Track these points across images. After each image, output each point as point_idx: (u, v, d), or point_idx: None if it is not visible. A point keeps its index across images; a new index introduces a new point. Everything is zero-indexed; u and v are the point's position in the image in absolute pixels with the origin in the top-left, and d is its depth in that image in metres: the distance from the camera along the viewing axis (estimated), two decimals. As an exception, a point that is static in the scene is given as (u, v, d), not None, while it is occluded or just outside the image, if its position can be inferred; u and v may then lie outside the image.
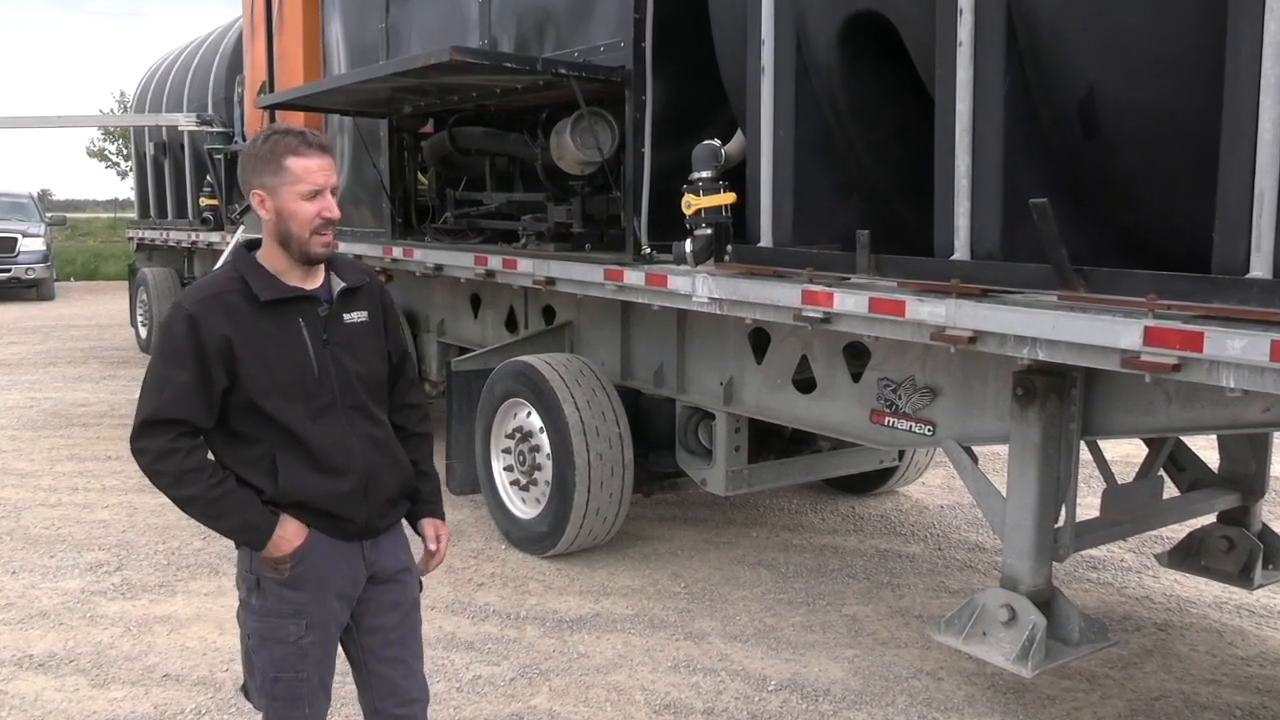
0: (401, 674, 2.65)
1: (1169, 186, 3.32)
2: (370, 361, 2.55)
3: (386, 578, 2.61)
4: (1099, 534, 4.09)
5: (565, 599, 4.97)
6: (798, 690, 4.08)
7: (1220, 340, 2.79)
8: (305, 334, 2.43)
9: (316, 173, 2.38)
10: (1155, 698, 4.06)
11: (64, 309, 18.60)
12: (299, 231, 2.39)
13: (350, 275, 2.55)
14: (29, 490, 6.85)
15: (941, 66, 3.50)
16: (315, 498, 2.43)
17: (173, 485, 2.35)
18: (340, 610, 2.54)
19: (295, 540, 2.43)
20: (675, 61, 4.93)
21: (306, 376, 2.42)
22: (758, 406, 4.88)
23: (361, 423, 2.50)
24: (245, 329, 2.37)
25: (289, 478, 2.41)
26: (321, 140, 2.43)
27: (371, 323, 2.57)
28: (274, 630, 2.46)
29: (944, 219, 3.56)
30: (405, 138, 7.22)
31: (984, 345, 3.42)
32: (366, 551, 2.55)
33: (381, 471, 2.53)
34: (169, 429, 2.33)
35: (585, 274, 5.20)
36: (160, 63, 14.32)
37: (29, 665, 4.25)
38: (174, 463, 2.33)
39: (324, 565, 2.47)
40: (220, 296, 2.38)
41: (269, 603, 2.47)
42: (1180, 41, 3.04)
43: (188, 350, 2.33)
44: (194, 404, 2.34)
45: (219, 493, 2.35)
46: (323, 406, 2.44)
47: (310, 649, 2.48)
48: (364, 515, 2.51)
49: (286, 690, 2.48)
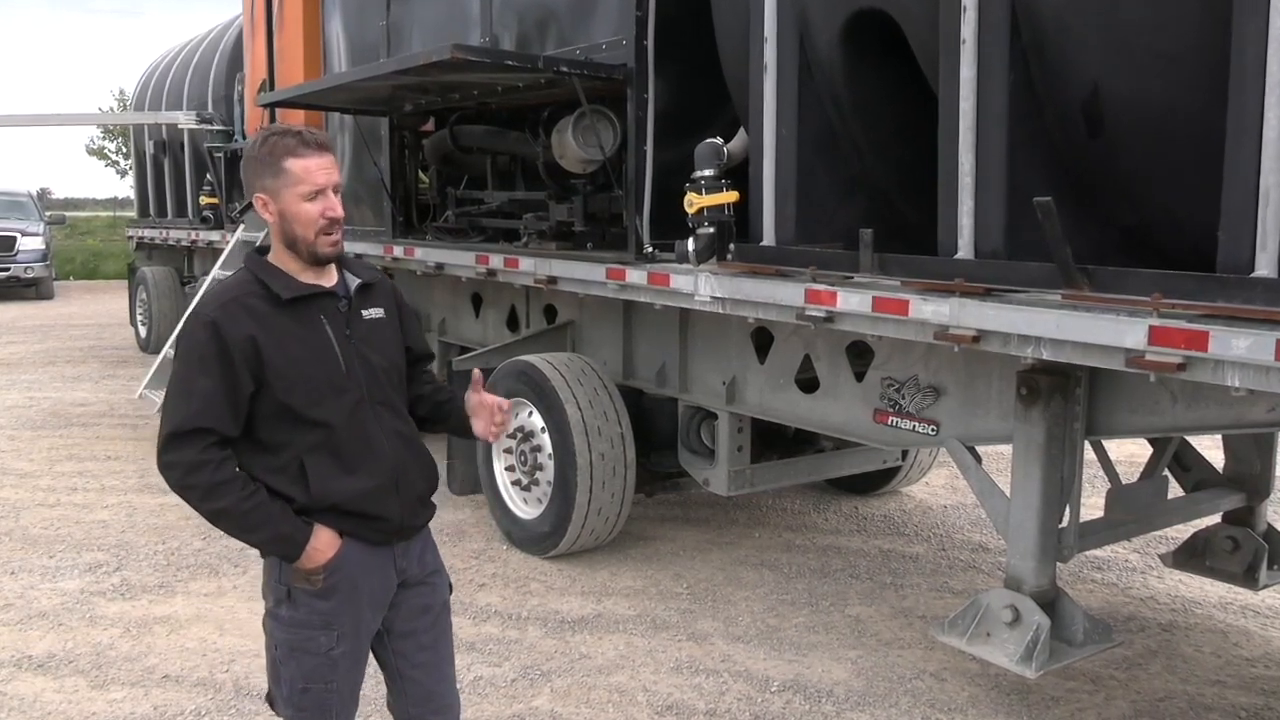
0: (435, 679, 2.63)
1: (1174, 185, 3.30)
2: (391, 356, 2.54)
3: (416, 581, 2.58)
4: (1103, 534, 4.08)
5: (567, 600, 4.95)
6: (800, 691, 4.07)
7: (1225, 339, 2.77)
8: (329, 330, 2.41)
9: (317, 172, 2.35)
10: (1160, 699, 4.04)
11: (63, 308, 18.59)
12: (304, 233, 2.36)
13: (363, 272, 2.54)
14: (28, 490, 6.83)
15: (945, 64, 3.49)
16: (347, 498, 2.40)
17: (204, 499, 2.30)
18: (372, 619, 2.51)
19: (329, 551, 2.39)
20: (677, 59, 4.91)
21: (334, 372, 2.39)
22: (760, 406, 4.87)
23: (389, 418, 2.48)
24: (270, 329, 2.33)
25: (320, 480, 2.37)
26: (320, 139, 2.39)
27: (389, 319, 2.56)
28: (304, 642, 2.42)
29: (947, 217, 3.55)
30: (406, 136, 7.20)
31: (988, 344, 3.40)
32: (398, 558, 2.52)
33: (410, 467, 2.51)
34: (198, 440, 2.27)
35: (587, 273, 5.19)
36: (160, 60, 14.29)
37: (28, 666, 4.24)
38: (205, 475, 2.27)
39: (356, 574, 2.43)
40: (240, 300, 2.35)
41: (299, 614, 2.42)
42: (1185, 38, 3.03)
43: (212, 356, 2.28)
44: (221, 411, 2.29)
45: (251, 505, 2.31)
46: (352, 403, 2.41)
47: (340, 660, 2.44)
48: (396, 512, 2.47)
49: (315, 701, 2.45)
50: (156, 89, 13.59)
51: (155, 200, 13.61)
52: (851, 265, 3.91)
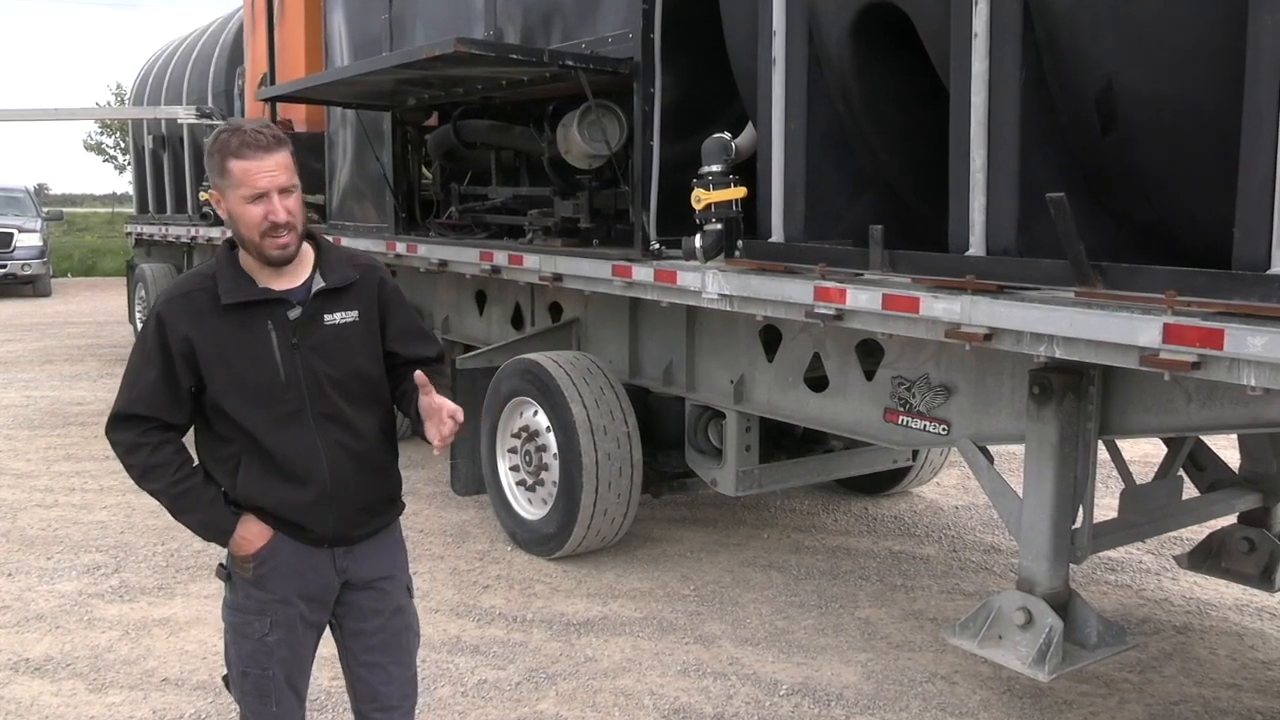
0: (380, 679, 2.63)
1: (1188, 181, 3.28)
2: (353, 364, 2.45)
3: (364, 584, 2.58)
4: (1117, 535, 4.06)
5: (572, 601, 4.91)
6: (809, 695, 4.02)
7: (1241, 337, 2.75)
8: (274, 338, 2.37)
9: (258, 175, 2.26)
10: (1174, 702, 4.00)
11: (61, 306, 18.56)
12: (248, 235, 2.32)
13: (336, 273, 2.44)
14: (25, 491, 6.79)
15: (956, 58, 3.46)
16: (274, 505, 2.43)
17: (141, 478, 2.42)
18: (310, 612, 2.53)
19: (257, 542, 2.44)
20: (685, 53, 4.88)
21: (272, 382, 2.37)
22: (769, 405, 4.83)
23: (332, 431, 2.43)
24: (207, 331, 2.35)
25: (248, 482, 2.42)
26: (267, 139, 2.27)
27: (363, 322, 2.47)
28: (242, 625, 2.50)
29: (959, 214, 3.52)
30: (409, 131, 7.15)
31: (1000, 343, 3.38)
32: (339, 559, 2.52)
33: (351, 482, 2.46)
34: (137, 424, 2.38)
35: (593, 270, 5.15)
36: (159, 54, 14.23)
37: (25, 669, 4.20)
38: (141, 456, 2.39)
39: (287, 568, 2.48)
40: (189, 296, 2.37)
41: (238, 598, 2.51)
42: (1200, 32, 3.00)
43: (155, 349, 2.36)
44: (160, 401, 2.37)
45: (181, 489, 2.41)
46: (289, 413, 2.38)
47: (275, 647, 2.49)
48: (328, 526, 2.47)
49: (254, 685, 2.52)
50: (155, 83, 13.53)
51: (154, 196, 13.56)
52: (861, 262, 3.88)
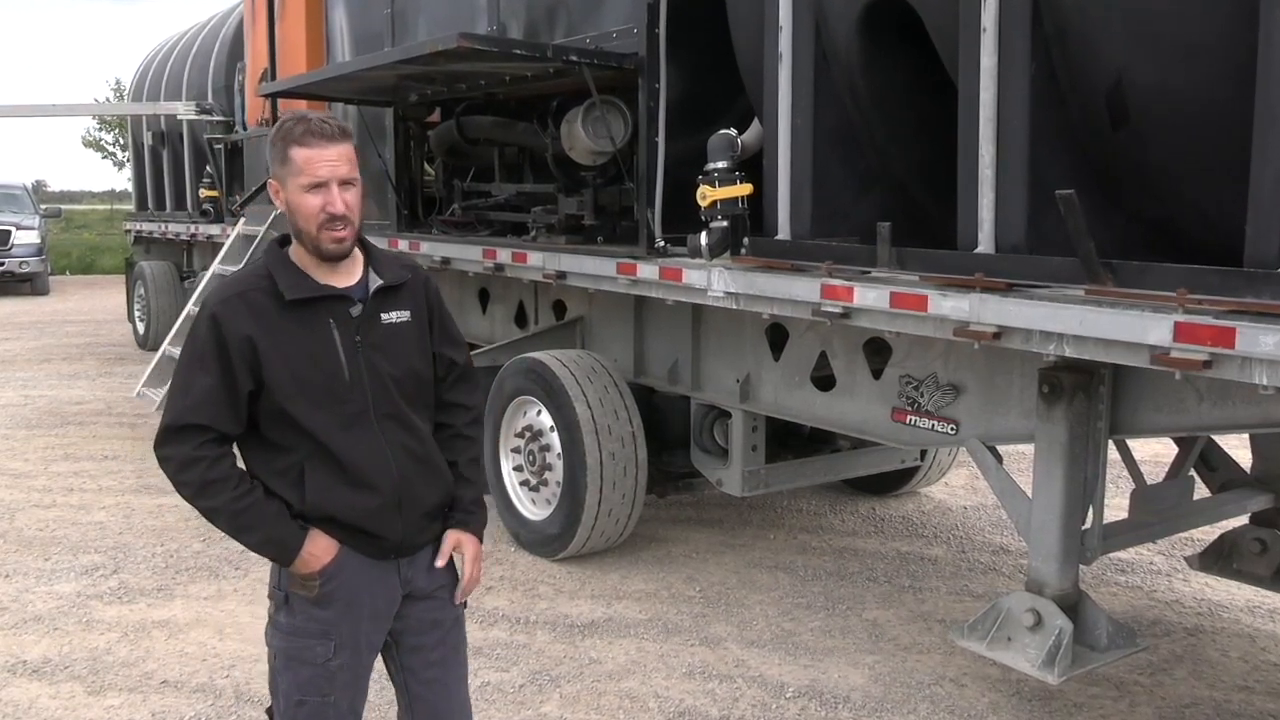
0: (443, 697, 2.53)
1: (1200, 177, 3.26)
2: (410, 363, 2.41)
3: (425, 594, 2.47)
4: (1127, 536, 4.04)
5: (576, 603, 4.88)
6: (816, 697, 3.99)
7: (1253, 336, 2.72)
8: (336, 336, 2.30)
9: (319, 164, 2.22)
10: (1186, 705, 3.97)
11: (59, 304, 18.53)
12: (305, 226, 2.26)
13: (389, 272, 2.40)
14: (23, 491, 6.75)
15: (965, 53, 3.43)
16: (344, 513, 2.31)
17: (196, 496, 2.26)
18: (373, 631, 2.41)
19: (324, 557, 2.30)
20: (690, 48, 4.84)
21: (336, 381, 2.28)
22: (775, 404, 4.80)
23: (396, 432, 2.36)
24: (270, 329, 2.24)
25: (317, 491, 2.29)
26: (331, 129, 2.25)
27: (415, 322, 2.43)
28: (300, 650, 2.34)
29: (967, 211, 3.49)
30: (411, 127, 7.12)
31: (1009, 341, 3.36)
32: (403, 569, 2.42)
33: (416, 485, 2.38)
34: (193, 435, 2.23)
35: (597, 268, 5.12)
36: (159, 49, 14.19)
37: (23, 671, 4.16)
38: (197, 472, 2.23)
39: (356, 583, 2.34)
40: (245, 295, 2.27)
41: (297, 621, 2.35)
42: (1211, 27, 2.97)
43: (211, 352, 2.22)
44: (218, 409, 2.23)
45: (243, 505, 2.25)
46: (354, 414, 2.30)
47: (338, 672, 2.35)
48: (397, 532, 2.37)
49: (310, 715, 2.36)
50: (155, 79, 13.49)
51: (154, 193, 13.53)
52: (869, 260, 3.85)
